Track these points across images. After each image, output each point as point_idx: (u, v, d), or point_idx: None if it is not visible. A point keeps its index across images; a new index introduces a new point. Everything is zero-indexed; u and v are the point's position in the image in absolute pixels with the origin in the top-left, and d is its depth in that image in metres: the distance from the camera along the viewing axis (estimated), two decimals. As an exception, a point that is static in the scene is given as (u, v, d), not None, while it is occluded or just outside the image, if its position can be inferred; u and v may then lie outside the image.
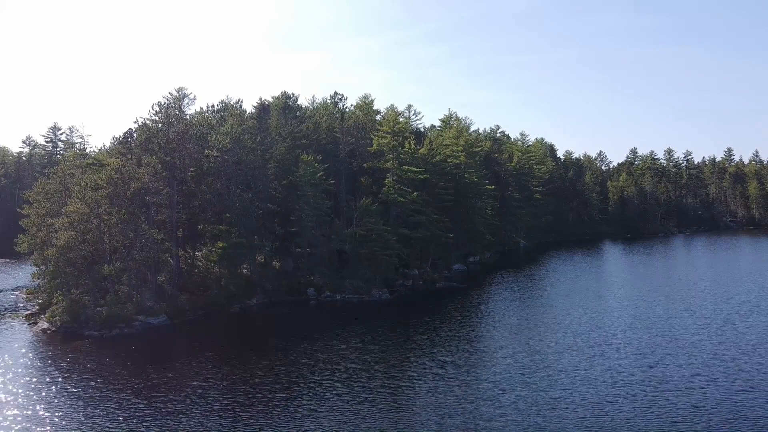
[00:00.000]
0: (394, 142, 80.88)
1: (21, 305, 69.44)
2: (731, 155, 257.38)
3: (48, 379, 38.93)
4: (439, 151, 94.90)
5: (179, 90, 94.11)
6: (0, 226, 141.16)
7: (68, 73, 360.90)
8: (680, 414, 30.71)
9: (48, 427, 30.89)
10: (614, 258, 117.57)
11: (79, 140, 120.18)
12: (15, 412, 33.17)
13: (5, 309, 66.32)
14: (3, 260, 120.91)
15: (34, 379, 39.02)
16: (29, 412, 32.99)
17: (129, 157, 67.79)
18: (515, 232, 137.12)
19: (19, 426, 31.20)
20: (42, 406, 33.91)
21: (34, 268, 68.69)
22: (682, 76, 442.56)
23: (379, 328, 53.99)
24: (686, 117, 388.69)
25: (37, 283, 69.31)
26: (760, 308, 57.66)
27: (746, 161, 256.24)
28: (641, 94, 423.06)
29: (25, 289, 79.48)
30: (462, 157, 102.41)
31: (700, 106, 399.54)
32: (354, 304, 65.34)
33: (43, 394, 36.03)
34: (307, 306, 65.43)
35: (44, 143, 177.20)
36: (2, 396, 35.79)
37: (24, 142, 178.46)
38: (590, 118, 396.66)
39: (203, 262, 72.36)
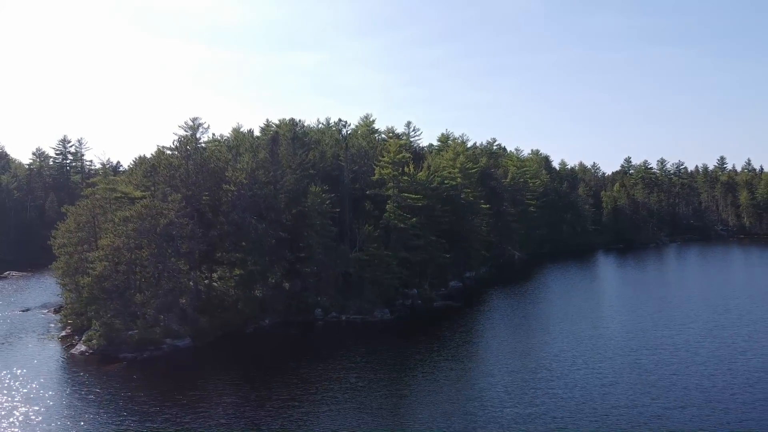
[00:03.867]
0: (395, 172, 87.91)
1: (52, 325, 75.86)
2: (724, 164, 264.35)
3: (99, 400, 45.87)
4: (437, 174, 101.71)
5: (194, 120, 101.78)
6: (14, 237, 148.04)
7: (73, 82, 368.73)
8: (621, 428, 37.73)
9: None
10: (603, 273, 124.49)
11: (100, 166, 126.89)
12: (83, 427, 40.12)
13: (42, 330, 72.82)
14: (20, 273, 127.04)
15: (88, 398, 46.00)
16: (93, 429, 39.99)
17: (153, 190, 74.94)
18: (510, 244, 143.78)
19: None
20: (101, 424, 40.86)
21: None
22: (679, 78, 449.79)
23: (381, 348, 61.02)
24: (683, 120, 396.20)
25: (66, 303, 76.21)
26: (720, 328, 64.63)
27: (739, 169, 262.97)
28: (641, 95, 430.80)
29: (52, 308, 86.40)
30: (458, 179, 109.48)
31: (696, 109, 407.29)
32: (357, 324, 72.32)
33: (101, 413, 42.90)
34: (314, 326, 72.36)
35: (54, 155, 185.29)
36: (60, 414, 42.73)
37: (34, 154, 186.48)
38: (589, 119, 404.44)
39: (218, 283, 79.51)
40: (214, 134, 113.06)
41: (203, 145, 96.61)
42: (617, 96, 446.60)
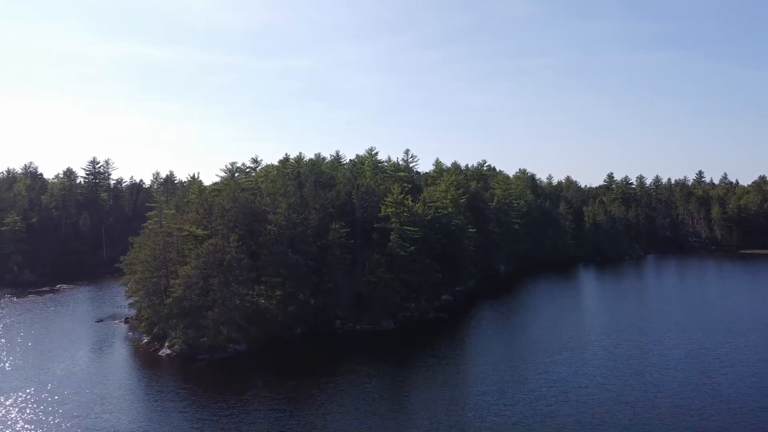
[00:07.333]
0: (397, 210, 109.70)
1: (131, 334, 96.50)
2: (702, 177, 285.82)
3: (199, 387, 67.30)
4: (431, 205, 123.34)
5: (232, 164, 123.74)
6: (53, 252, 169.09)
7: (74, 89, 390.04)
8: (541, 406, 59.54)
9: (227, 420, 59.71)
10: (574, 285, 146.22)
11: (155, 204, 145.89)
12: (193, 407, 61.74)
13: (124, 337, 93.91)
14: (69, 286, 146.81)
15: (196, 385, 67.45)
16: (208, 414, 61.66)
17: (211, 228, 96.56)
18: (496, 258, 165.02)
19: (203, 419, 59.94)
20: (206, 405, 62.49)
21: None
22: (669, 81, 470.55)
23: (387, 350, 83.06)
24: (672, 127, 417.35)
25: (141, 316, 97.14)
26: (646, 337, 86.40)
27: (717, 182, 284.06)
28: (635, 100, 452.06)
29: (122, 319, 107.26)
30: (450, 208, 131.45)
31: (682, 117, 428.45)
32: (368, 332, 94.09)
33: (205, 396, 64.46)
34: (335, 334, 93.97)
35: (84, 175, 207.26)
36: (172, 399, 64.34)
37: (65, 174, 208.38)
38: (583, 121, 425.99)
39: (257, 299, 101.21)
40: (243, 169, 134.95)
41: (243, 186, 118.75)
42: (612, 101, 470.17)
